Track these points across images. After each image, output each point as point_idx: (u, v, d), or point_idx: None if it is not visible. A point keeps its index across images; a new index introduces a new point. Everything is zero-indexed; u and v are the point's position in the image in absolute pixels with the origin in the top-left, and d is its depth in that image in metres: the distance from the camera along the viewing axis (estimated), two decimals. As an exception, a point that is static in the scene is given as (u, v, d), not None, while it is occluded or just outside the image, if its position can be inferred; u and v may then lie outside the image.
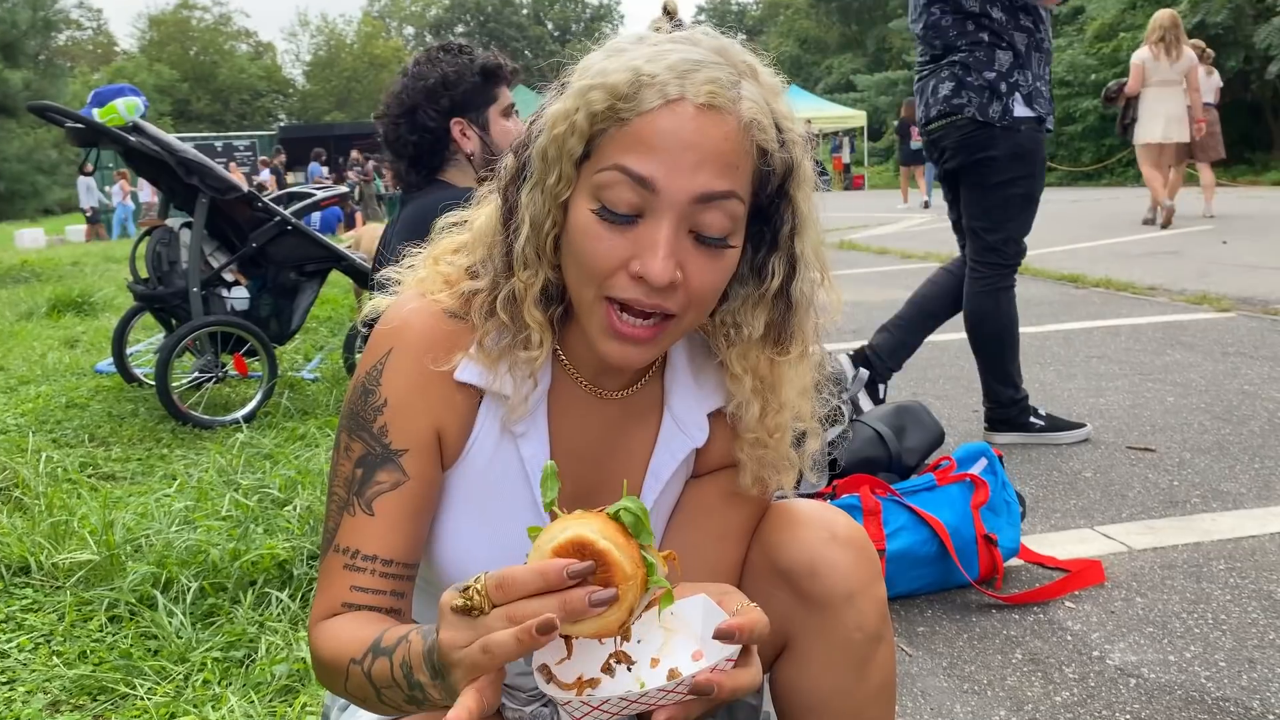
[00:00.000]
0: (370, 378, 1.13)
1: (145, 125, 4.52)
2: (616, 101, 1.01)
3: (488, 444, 1.16)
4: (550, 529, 0.88)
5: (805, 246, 1.13)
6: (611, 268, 1.02)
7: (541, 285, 1.10)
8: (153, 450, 4.05)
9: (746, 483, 1.21)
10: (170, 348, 4.41)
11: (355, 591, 1.09)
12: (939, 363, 5.09)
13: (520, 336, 1.11)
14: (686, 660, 0.97)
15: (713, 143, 1.00)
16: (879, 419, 3.03)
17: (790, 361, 1.17)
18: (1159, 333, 5.58)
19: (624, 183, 1.00)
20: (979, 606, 2.43)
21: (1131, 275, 7.57)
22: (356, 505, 1.10)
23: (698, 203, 1.00)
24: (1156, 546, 2.70)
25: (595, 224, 1.02)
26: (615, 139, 1.02)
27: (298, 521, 2.86)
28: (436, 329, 1.12)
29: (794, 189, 1.10)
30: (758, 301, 1.14)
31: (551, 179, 1.06)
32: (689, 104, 1.00)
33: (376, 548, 1.09)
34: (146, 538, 2.80)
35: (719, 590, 1.03)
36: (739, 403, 1.18)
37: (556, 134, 1.05)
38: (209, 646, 2.25)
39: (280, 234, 4.72)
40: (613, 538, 0.86)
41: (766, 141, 1.04)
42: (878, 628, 1.18)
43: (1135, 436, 3.70)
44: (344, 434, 1.13)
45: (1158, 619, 2.30)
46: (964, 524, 2.47)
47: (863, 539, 1.20)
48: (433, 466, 1.13)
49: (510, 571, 0.84)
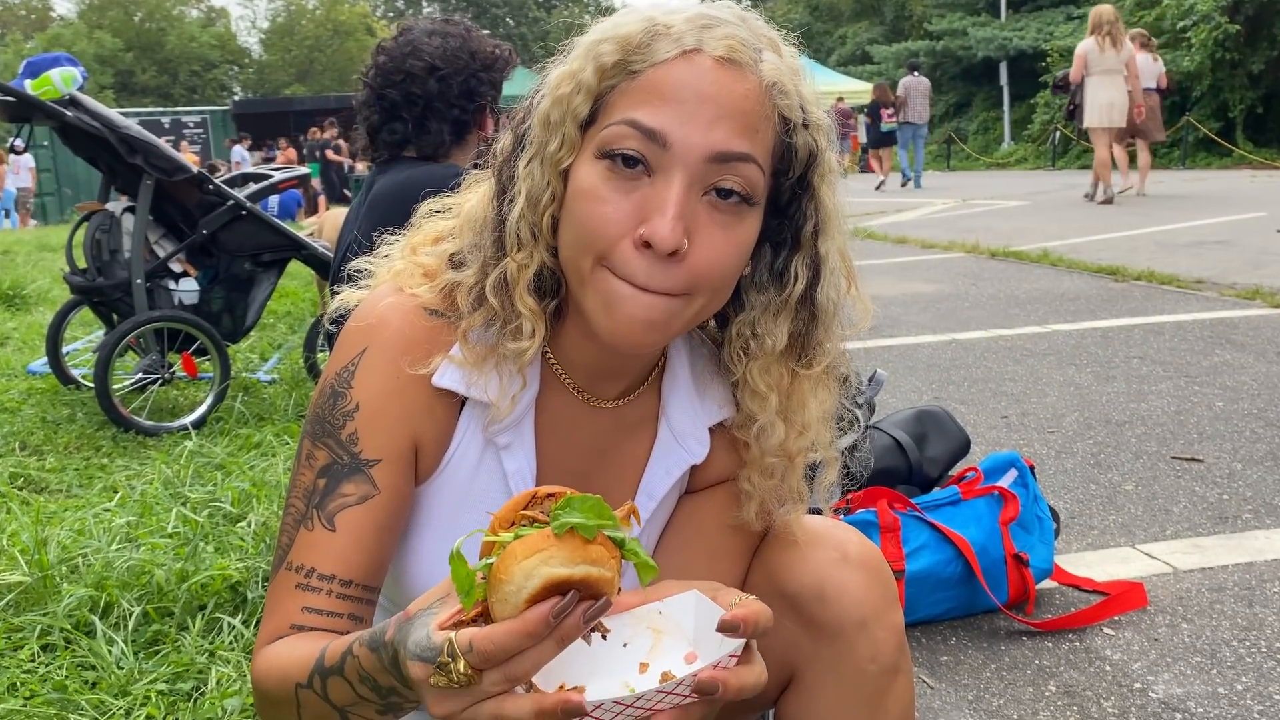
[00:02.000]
0: (340, 380, 1.12)
1: (83, 99, 4.50)
2: (628, 54, 1.02)
3: (468, 456, 1.15)
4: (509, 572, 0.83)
5: (830, 248, 1.12)
6: (614, 234, 1.01)
7: (536, 270, 1.09)
8: (91, 460, 4.03)
9: (750, 515, 1.21)
10: (111, 346, 4.39)
11: (307, 613, 1.07)
12: (963, 363, 5.10)
13: (510, 326, 1.10)
14: (678, 663, 0.97)
15: (732, 98, 1.00)
16: (897, 425, 3.03)
17: (814, 378, 1.16)
18: (1207, 331, 5.59)
19: (632, 137, 1.00)
20: (1008, 633, 2.42)
21: (1176, 267, 7.58)
22: (316, 519, 1.09)
23: (713, 162, 1.00)
24: (1204, 567, 2.70)
25: (598, 184, 1.01)
26: (624, 93, 1.02)
27: (252, 539, 2.85)
28: (415, 327, 1.12)
29: (817, 180, 1.09)
30: (779, 309, 1.13)
31: (553, 145, 1.05)
32: (706, 55, 1.00)
33: (334, 566, 1.08)
34: (84, 557, 2.79)
35: (710, 587, 1.03)
36: (761, 425, 1.17)
37: (561, 94, 1.05)
38: (153, 678, 2.23)
39: (233, 219, 4.70)
40: (583, 556, 0.84)
41: (790, 109, 1.04)
42: (894, 658, 1.18)
43: (1181, 445, 3.70)
44: (307, 441, 1.13)
45: (1206, 647, 2.30)
46: (992, 542, 2.47)
47: (877, 560, 1.20)
48: (405, 480, 1.12)
49: (489, 641, 0.81)
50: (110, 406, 4.37)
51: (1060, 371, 4.87)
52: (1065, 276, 7.68)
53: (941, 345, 5.55)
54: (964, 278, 7.84)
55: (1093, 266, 7.89)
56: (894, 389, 4.56)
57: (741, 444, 1.22)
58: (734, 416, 1.22)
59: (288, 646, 1.05)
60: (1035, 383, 4.68)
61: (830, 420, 1.19)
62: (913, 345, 5.57)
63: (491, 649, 0.81)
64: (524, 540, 0.85)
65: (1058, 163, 24.96)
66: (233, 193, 4.74)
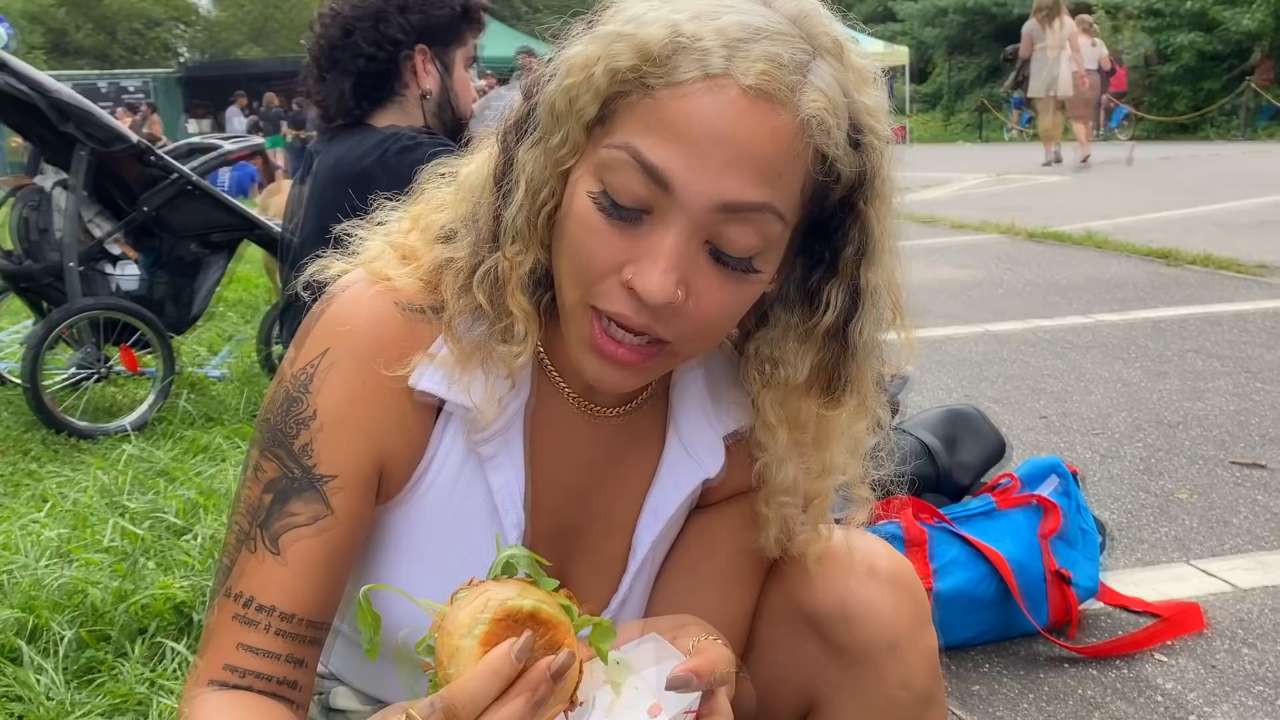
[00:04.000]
0: (297, 383, 1.10)
1: (9, 59, 4.48)
2: (644, 63, 0.97)
3: (446, 471, 1.13)
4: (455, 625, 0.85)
5: (875, 277, 1.09)
6: (602, 270, 0.99)
7: (530, 266, 1.07)
8: (19, 465, 4.02)
9: (768, 542, 1.20)
10: (41, 338, 4.37)
11: (242, 651, 1.06)
12: (998, 358, 5.10)
13: (500, 326, 1.08)
14: (643, 718, 0.97)
15: (754, 141, 0.96)
16: (925, 427, 3.02)
17: (841, 416, 1.14)
18: (1270, 321, 5.59)
19: (633, 169, 0.97)
20: (1049, 660, 2.42)
21: (1236, 250, 7.58)
22: (260, 540, 1.07)
23: (720, 212, 0.97)
24: (1268, 585, 2.70)
25: (592, 212, 0.99)
26: (635, 110, 0.98)
27: (199, 555, 2.85)
28: (388, 326, 1.10)
29: (865, 203, 1.05)
30: (805, 336, 1.10)
31: (556, 139, 1.03)
32: (733, 84, 0.95)
33: (276, 597, 1.06)
34: (9, 574, 2.78)
35: (674, 624, 1.03)
36: (766, 462, 1.15)
37: (569, 85, 1.01)
38: (88, 710, 2.22)
39: (179, 195, 4.69)
40: (531, 594, 0.85)
41: (830, 146, 0.99)
42: (928, 685, 1.18)
43: (1242, 450, 3.70)
44: (256, 451, 1.11)
45: (1270, 675, 2.30)
46: (1030, 558, 2.47)
47: (909, 575, 1.20)
48: (364, 503, 1.11)
49: (457, 692, 0.82)
50: (40, 405, 4.35)
51: (1107, 367, 4.87)
52: (1112, 260, 7.69)
53: (974, 338, 5.55)
54: (999, 262, 7.84)
55: (1143, 249, 7.90)
56: (921, 386, 4.55)
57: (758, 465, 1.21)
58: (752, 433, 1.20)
59: (215, 711, 1.04)
60: (1079, 379, 4.69)
61: (860, 453, 1.17)
62: (942, 338, 5.56)
63: (458, 700, 0.81)
64: (462, 599, 0.88)
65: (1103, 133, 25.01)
66: (178, 165, 4.72)
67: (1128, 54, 24.57)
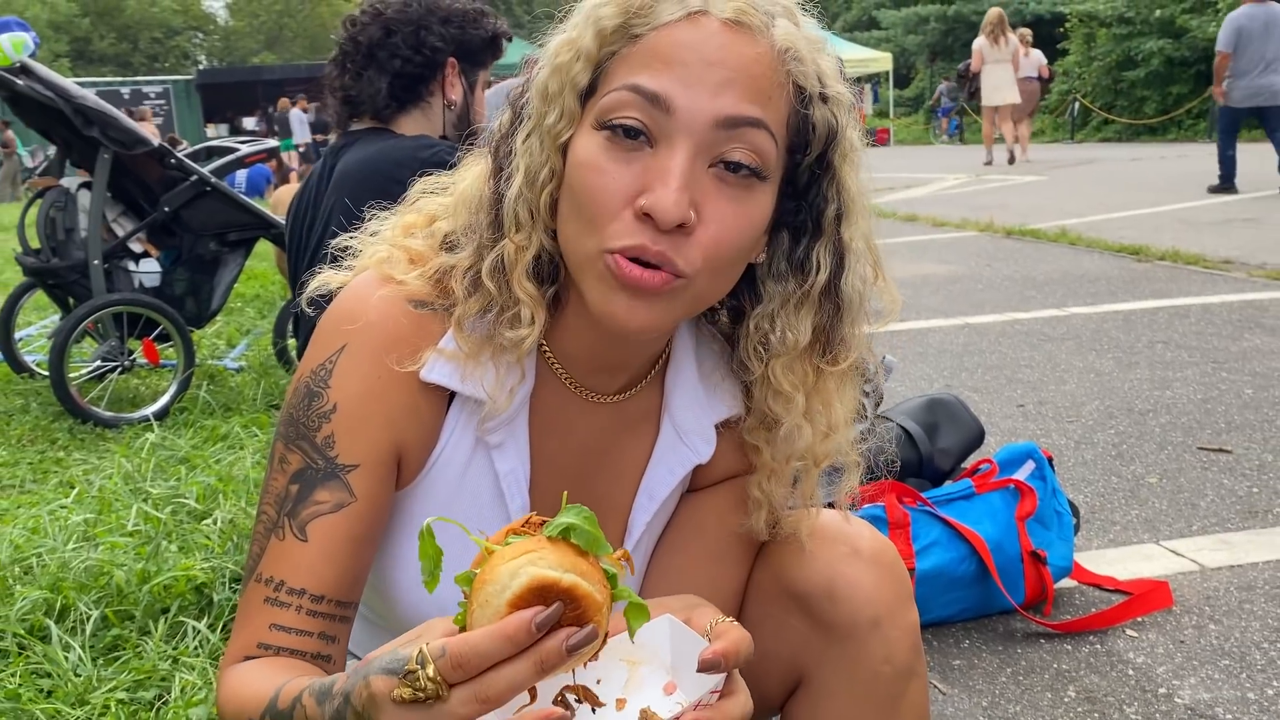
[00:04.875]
0: (317, 378, 1.10)
1: (35, 66, 4.47)
2: (629, 17, 1.00)
3: (457, 458, 1.13)
4: (494, 574, 0.82)
5: (854, 234, 1.10)
6: (615, 205, 0.99)
7: (535, 253, 1.07)
8: (46, 453, 4.02)
9: (759, 525, 1.19)
10: (67, 332, 4.37)
11: (275, 631, 1.06)
12: (977, 349, 5.10)
13: (508, 314, 1.08)
14: (658, 696, 0.96)
15: (741, 62, 0.99)
16: (907, 415, 3.03)
17: (840, 375, 1.14)
18: (1235, 314, 5.60)
19: (633, 103, 0.98)
20: (1025, 636, 2.43)
21: (1202, 246, 7.59)
22: (287, 527, 1.07)
23: (720, 128, 0.98)
24: (1233, 564, 2.71)
25: (597, 154, 1.00)
26: (625, 59, 1.01)
27: (218, 537, 2.84)
28: (399, 321, 1.10)
29: (838, 160, 1.07)
30: (801, 301, 1.11)
31: (551, 117, 1.04)
32: (713, 18, 0.99)
33: (305, 580, 1.07)
34: (38, 557, 2.77)
35: (685, 605, 1.02)
36: (788, 428, 1.14)
37: (560, 63, 1.03)
38: (112, 686, 2.22)
39: (198, 196, 4.68)
40: (573, 566, 0.82)
41: (805, 78, 1.02)
42: (909, 660, 1.18)
43: (1208, 436, 3.71)
44: (280, 444, 1.11)
45: (1235, 650, 2.31)
46: (1007, 539, 2.47)
47: (891, 555, 1.20)
48: (385, 487, 1.11)
49: (465, 644, 0.79)
50: (66, 396, 4.35)
51: (1080, 357, 4.88)
52: (1085, 256, 7.69)
53: (954, 330, 5.55)
54: (977, 258, 7.85)
55: (1114, 246, 7.91)
56: (904, 376, 4.56)
57: (751, 448, 1.20)
58: (745, 420, 1.20)
59: (252, 674, 1.04)
60: (1053, 369, 4.69)
61: (853, 422, 1.17)
62: (923, 330, 5.57)
63: (465, 652, 0.79)
64: (514, 545, 0.83)
65: (1077, 135, 25.00)
66: (197, 167, 4.72)
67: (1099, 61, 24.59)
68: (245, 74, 36.51)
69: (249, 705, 1.00)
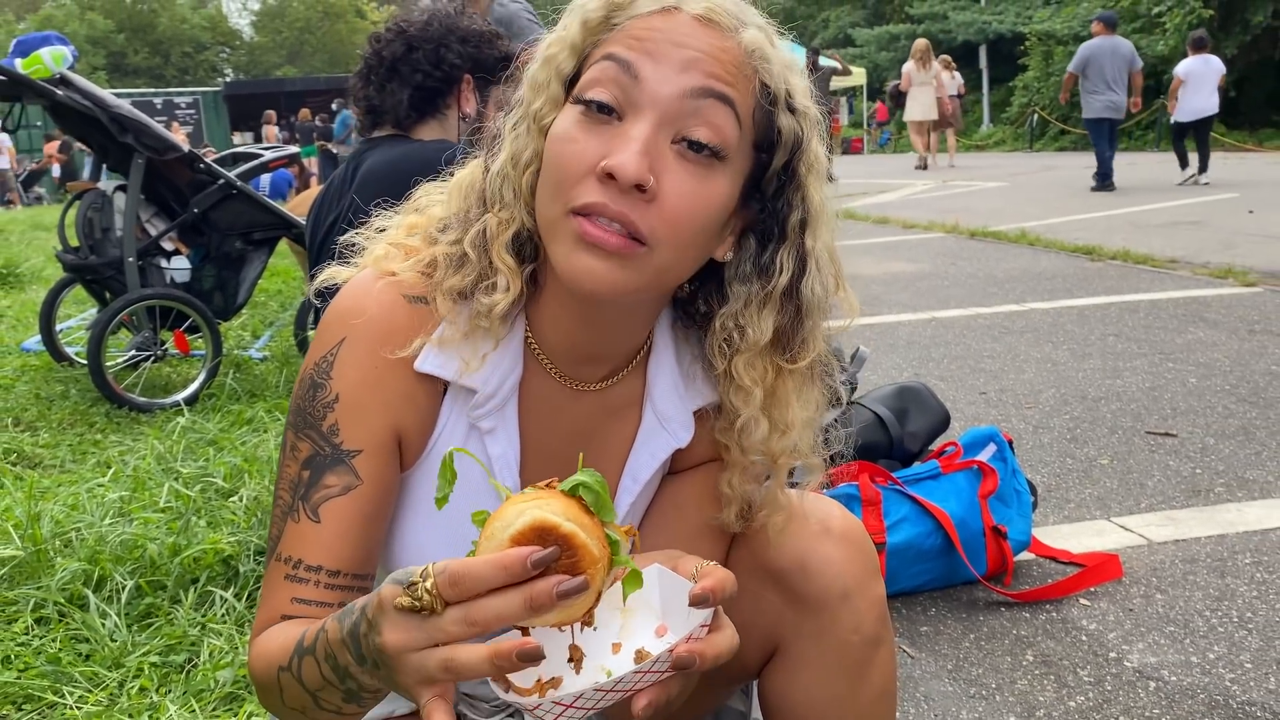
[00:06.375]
0: (320, 370, 1.09)
1: (74, 77, 4.44)
2: (611, 11, 1.02)
3: (452, 442, 1.13)
4: (503, 513, 0.84)
5: (817, 243, 1.09)
6: (581, 169, 0.98)
7: (515, 230, 1.07)
8: (84, 435, 4.00)
9: (730, 518, 1.19)
10: (104, 323, 4.35)
11: (297, 604, 1.06)
12: (943, 341, 5.10)
13: (485, 282, 1.07)
14: (650, 638, 0.96)
15: (709, 51, 0.99)
16: (879, 401, 3.02)
17: (799, 376, 1.13)
18: (1180, 309, 5.60)
19: (607, 71, 0.99)
20: (987, 604, 2.43)
21: (1151, 247, 7.60)
22: (302, 510, 1.07)
23: (685, 99, 0.98)
24: (1178, 539, 2.71)
25: (570, 126, 1.00)
26: (604, 44, 1.02)
27: (244, 514, 2.84)
28: (395, 315, 1.09)
29: (804, 170, 1.06)
30: (764, 301, 1.09)
31: (538, 103, 1.04)
32: (685, 13, 1.00)
33: (321, 558, 1.06)
34: (77, 531, 2.77)
35: (670, 556, 1.02)
36: (745, 420, 1.13)
37: (548, 55, 1.04)
38: (146, 650, 2.22)
39: (224, 198, 4.67)
40: (576, 518, 0.83)
41: (771, 79, 1.02)
42: (876, 629, 1.17)
43: (1155, 421, 3.71)
44: (291, 432, 1.11)
45: (1179, 617, 2.31)
46: (971, 515, 2.47)
47: (859, 533, 1.19)
48: (389, 469, 1.10)
49: (465, 565, 0.81)
50: (103, 383, 4.33)
51: (1037, 349, 4.88)
52: (1043, 256, 7.69)
53: (922, 323, 5.55)
54: (944, 257, 7.84)
55: (1069, 246, 7.91)
56: (875, 366, 4.56)
57: (722, 446, 1.19)
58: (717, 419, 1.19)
59: (278, 631, 1.04)
60: (1013, 360, 4.69)
61: (814, 427, 1.15)
62: (894, 323, 5.57)
63: (463, 573, 0.80)
64: (528, 492, 0.86)
65: (1035, 144, 24.97)
66: (223, 172, 4.70)
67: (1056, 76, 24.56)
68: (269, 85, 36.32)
69: (277, 657, 1.00)
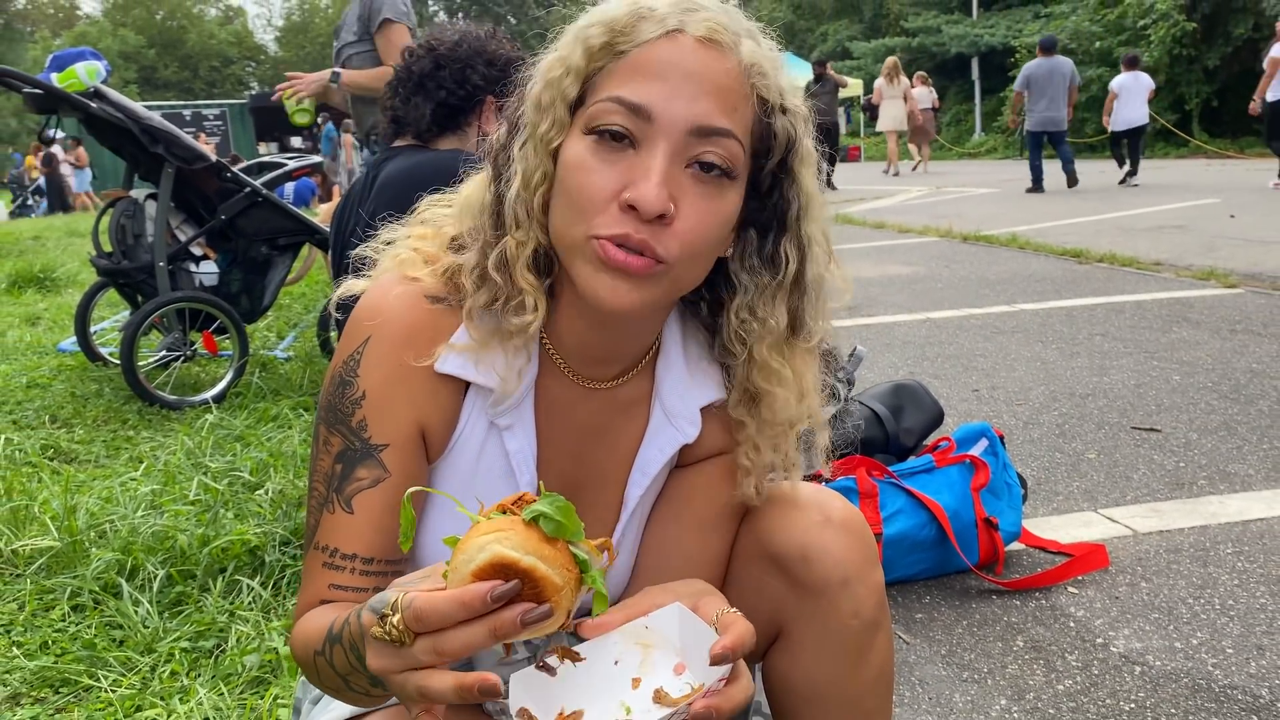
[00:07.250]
0: (347, 369, 1.10)
1: (107, 91, 4.45)
2: (614, 36, 1.01)
3: (474, 438, 1.13)
4: (466, 545, 0.82)
5: (813, 229, 1.11)
6: (602, 199, 0.98)
7: (533, 248, 1.07)
8: (118, 432, 4.02)
9: (749, 491, 1.19)
10: (136, 325, 4.36)
11: (334, 590, 1.07)
12: (936, 340, 5.09)
13: (513, 302, 1.07)
14: (669, 676, 0.95)
15: (713, 76, 0.99)
16: (876, 398, 3.02)
17: (812, 350, 1.16)
18: (1164, 310, 5.58)
19: (618, 112, 0.99)
20: (979, 592, 2.42)
21: (1136, 250, 7.58)
22: (335, 502, 1.08)
23: (695, 135, 0.98)
24: (1162, 530, 2.71)
25: (586, 155, 1.00)
26: (610, 74, 1.01)
27: (269, 506, 2.84)
28: (417, 315, 1.09)
29: (798, 165, 1.08)
30: (776, 291, 1.12)
31: (544, 126, 1.04)
32: (688, 36, 1.00)
33: (356, 546, 1.07)
34: (111, 523, 2.78)
35: (692, 592, 1.02)
36: (770, 394, 1.15)
37: (551, 78, 1.03)
38: (176, 636, 2.23)
39: (250, 206, 4.67)
40: (536, 550, 0.81)
41: (768, 91, 1.03)
42: (875, 615, 1.17)
43: (1140, 417, 3.70)
44: (323, 428, 1.11)
45: (1163, 605, 2.31)
46: (964, 507, 2.47)
47: (859, 523, 1.19)
48: (416, 461, 1.11)
49: (428, 602, 0.79)
50: (136, 382, 4.35)
51: (1028, 348, 4.87)
52: (1032, 259, 7.68)
53: (916, 324, 5.54)
54: (937, 260, 7.82)
55: (1058, 249, 7.89)
56: (872, 364, 4.55)
57: (736, 424, 1.20)
58: (728, 398, 1.20)
59: (316, 615, 1.05)
60: (1004, 358, 4.68)
61: (819, 389, 1.18)
62: (890, 324, 5.56)
63: (426, 609, 0.79)
64: (492, 522, 0.83)
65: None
66: (249, 180, 4.71)
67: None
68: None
69: (313, 641, 1.01)
